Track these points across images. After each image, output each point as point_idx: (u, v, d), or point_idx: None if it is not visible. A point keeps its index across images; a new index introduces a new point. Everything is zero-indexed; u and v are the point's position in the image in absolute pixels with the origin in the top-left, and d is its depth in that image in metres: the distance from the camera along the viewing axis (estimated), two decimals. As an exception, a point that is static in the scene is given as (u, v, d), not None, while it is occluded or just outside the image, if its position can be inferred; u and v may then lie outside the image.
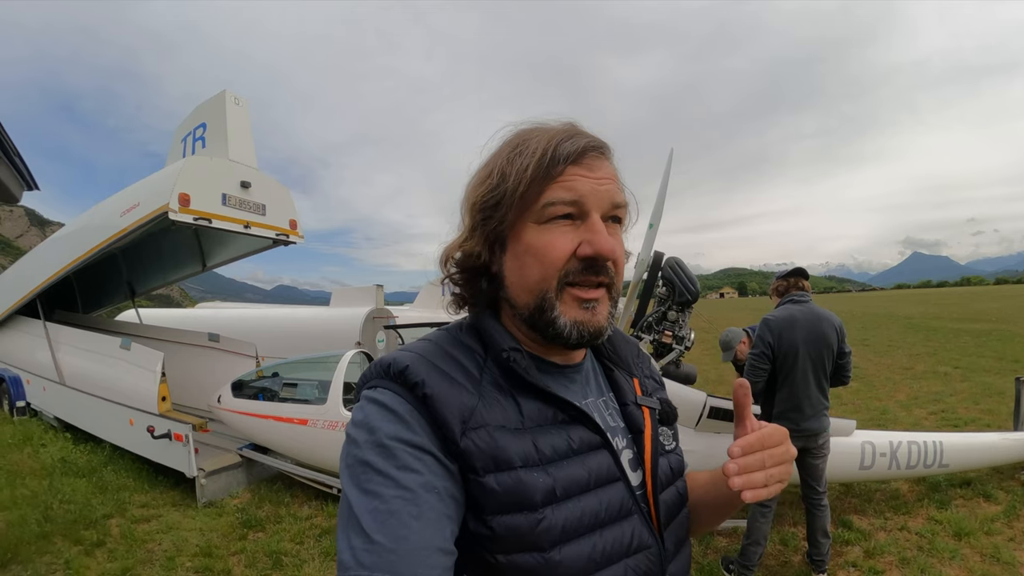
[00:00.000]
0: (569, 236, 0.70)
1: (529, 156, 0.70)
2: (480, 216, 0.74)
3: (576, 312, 0.71)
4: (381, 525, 0.56)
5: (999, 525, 3.91)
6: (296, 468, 5.07)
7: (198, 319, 10.90)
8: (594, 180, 0.71)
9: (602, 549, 0.68)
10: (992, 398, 7.89)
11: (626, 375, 0.88)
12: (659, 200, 4.21)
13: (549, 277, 0.70)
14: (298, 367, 5.91)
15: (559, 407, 0.73)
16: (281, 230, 6.24)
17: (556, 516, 0.65)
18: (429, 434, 0.64)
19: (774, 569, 3.58)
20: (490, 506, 0.64)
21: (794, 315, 3.36)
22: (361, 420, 0.65)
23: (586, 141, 0.71)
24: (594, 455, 0.72)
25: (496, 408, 0.69)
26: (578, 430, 0.73)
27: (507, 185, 0.71)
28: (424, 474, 0.61)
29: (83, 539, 4.13)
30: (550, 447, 0.69)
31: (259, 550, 3.97)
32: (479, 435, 0.65)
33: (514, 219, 0.72)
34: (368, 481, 0.59)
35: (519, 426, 0.69)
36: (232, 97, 5.62)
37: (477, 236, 0.75)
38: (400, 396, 0.66)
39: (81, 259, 6.17)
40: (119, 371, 5.80)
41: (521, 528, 0.64)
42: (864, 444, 4.00)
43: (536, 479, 0.66)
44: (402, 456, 0.61)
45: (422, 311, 11.94)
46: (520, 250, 0.72)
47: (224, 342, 7.18)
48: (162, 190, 5.15)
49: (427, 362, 0.69)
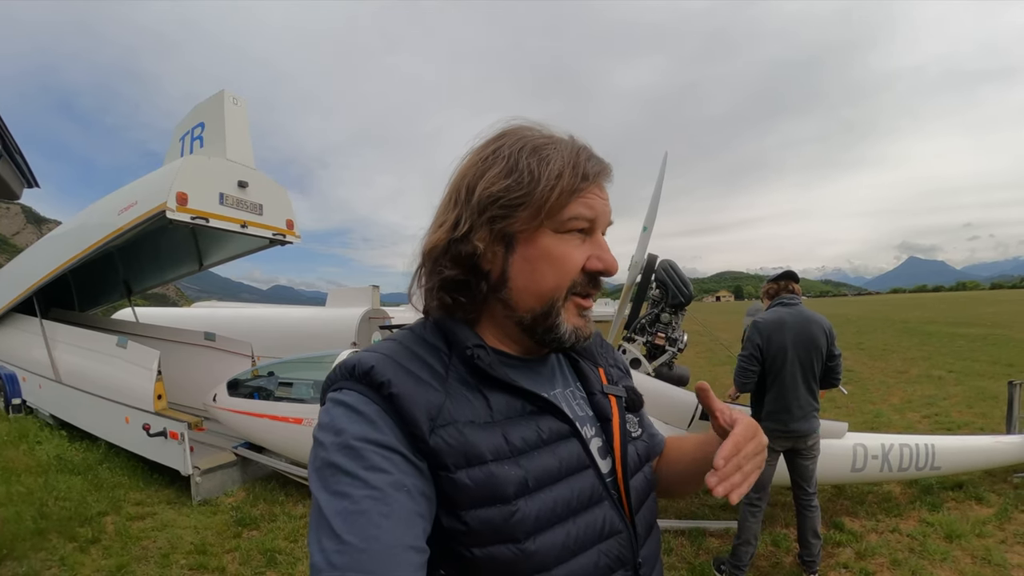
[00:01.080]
0: (581, 249, 0.74)
1: (560, 165, 0.71)
2: (491, 212, 0.72)
3: (575, 319, 0.76)
4: (351, 525, 0.56)
5: (991, 528, 3.94)
6: (291, 467, 5.08)
7: (194, 318, 10.90)
8: (603, 200, 0.76)
9: (575, 536, 0.70)
10: (986, 402, 7.94)
11: (591, 365, 0.90)
12: (653, 203, 4.24)
13: (562, 286, 0.73)
14: (294, 366, 5.92)
15: (527, 399, 0.74)
16: (278, 230, 6.25)
17: (529, 507, 0.67)
18: (397, 433, 0.64)
19: (765, 570, 3.61)
20: (463, 501, 0.65)
21: (783, 318, 3.39)
22: (327, 423, 0.65)
23: (605, 163, 0.77)
24: (564, 444, 0.73)
25: (464, 404, 0.69)
26: (547, 420, 0.74)
27: (538, 188, 0.70)
28: (393, 473, 0.61)
29: (78, 536, 4.13)
30: (520, 438, 0.70)
31: (253, 548, 3.98)
32: (448, 432, 0.66)
33: (531, 223, 0.72)
34: (337, 483, 0.59)
35: (488, 420, 0.70)
36: (231, 97, 5.64)
37: (481, 232, 0.72)
38: (366, 396, 0.66)
39: (78, 257, 6.16)
40: (115, 369, 5.80)
41: (495, 521, 0.65)
42: (856, 446, 4.02)
43: (508, 472, 0.67)
44: (370, 456, 0.61)
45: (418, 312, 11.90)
46: (534, 255, 0.73)
47: (220, 341, 7.18)
48: (160, 189, 5.15)
49: (392, 362, 0.69)
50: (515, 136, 0.75)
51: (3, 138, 3.74)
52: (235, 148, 5.66)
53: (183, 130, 6.08)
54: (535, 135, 0.75)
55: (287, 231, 6.36)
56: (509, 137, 0.75)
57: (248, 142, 5.85)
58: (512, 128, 0.77)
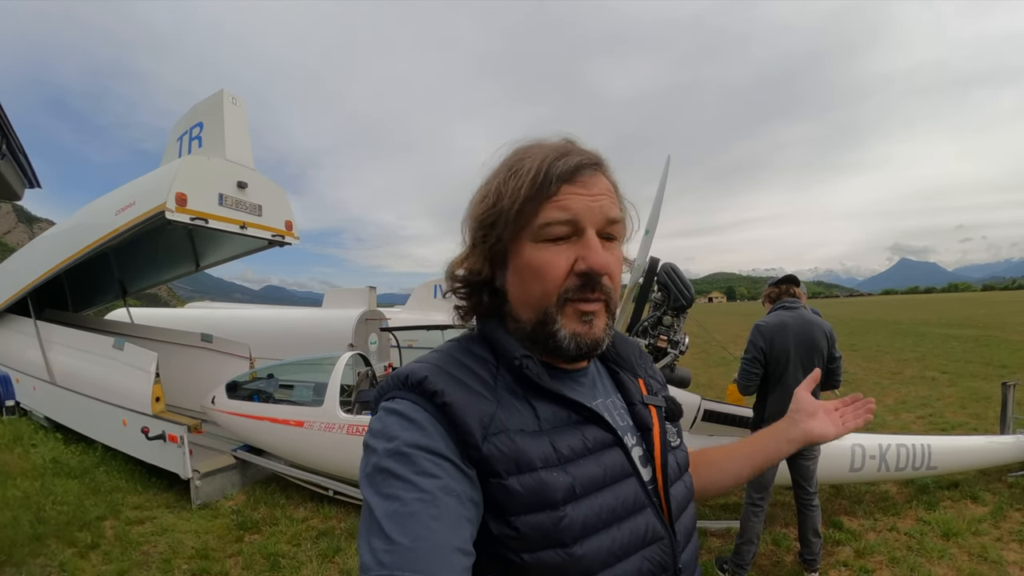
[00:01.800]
0: (566, 254, 0.73)
1: (524, 176, 0.72)
2: (480, 234, 0.77)
3: (575, 325, 0.74)
4: (401, 527, 0.57)
5: (986, 526, 3.99)
6: (291, 470, 5.07)
7: (189, 319, 10.83)
8: (588, 197, 0.73)
9: (620, 542, 0.71)
10: (979, 403, 8.02)
11: (631, 376, 0.92)
12: (655, 206, 4.25)
13: (550, 294, 0.73)
14: (293, 369, 5.89)
15: (572, 409, 0.76)
16: (277, 231, 6.21)
17: (576, 512, 0.68)
18: (447, 441, 0.66)
19: (767, 569, 3.64)
20: (514, 507, 0.66)
21: (785, 321, 3.42)
22: (379, 430, 0.67)
23: (579, 159, 0.73)
24: (608, 453, 0.75)
25: (514, 413, 0.72)
26: (591, 430, 0.76)
27: (503, 204, 0.73)
28: (443, 478, 0.62)
29: (77, 541, 4.10)
30: (567, 447, 0.72)
31: (256, 552, 3.96)
32: (500, 440, 0.68)
33: (512, 237, 0.74)
34: (388, 487, 0.61)
35: (536, 428, 0.72)
36: (229, 97, 5.61)
37: (478, 253, 0.78)
38: (418, 405, 0.68)
39: (74, 257, 6.10)
40: (112, 371, 5.74)
41: (545, 526, 0.66)
42: (854, 447, 4.07)
43: (556, 478, 0.69)
44: (420, 462, 0.62)
45: (413, 313, 11.97)
46: (520, 267, 0.75)
47: (217, 343, 7.13)
48: (159, 189, 5.11)
49: (444, 372, 0.72)
50: (506, 160, 0.78)
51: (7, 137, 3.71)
52: (234, 148, 5.63)
53: (181, 130, 6.03)
54: (521, 151, 0.77)
55: (286, 232, 6.33)
56: (501, 161, 0.78)
57: (247, 142, 5.82)
58: (511, 151, 0.79)
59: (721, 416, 3.90)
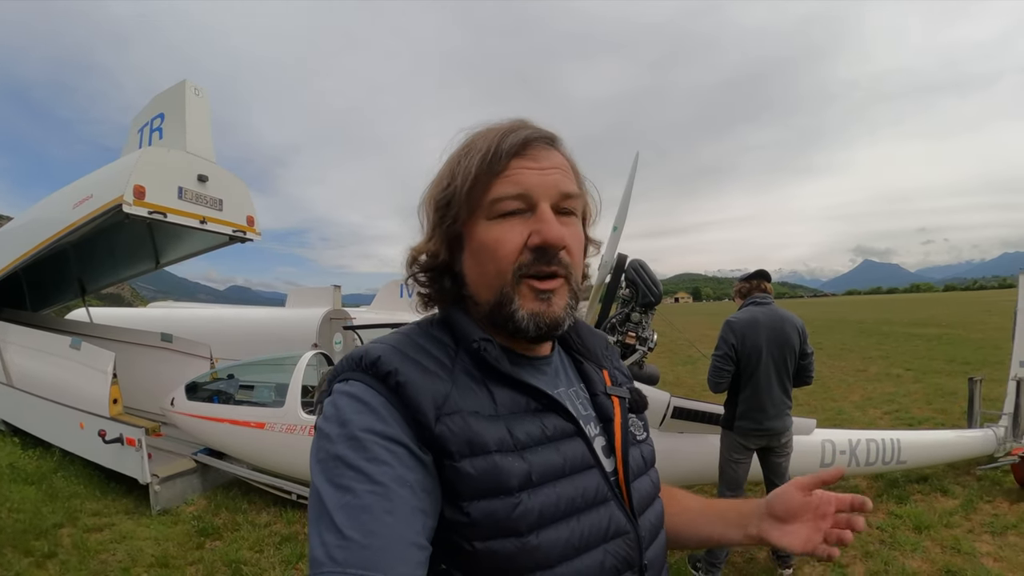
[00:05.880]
0: (518, 229, 0.71)
1: (474, 154, 0.72)
2: (437, 216, 0.76)
3: (533, 304, 0.71)
4: (353, 521, 0.55)
5: (957, 518, 4.06)
6: (253, 473, 4.90)
7: (150, 319, 10.54)
8: (539, 171, 0.71)
9: (580, 534, 0.68)
10: (944, 398, 8.21)
11: (595, 367, 0.89)
12: (623, 203, 4.24)
13: (504, 271, 0.71)
14: (254, 369, 5.73)
15: (531, 396, 0.73)
16: (238, 226, 6.03)
17: (533, 501, 0.65)
18: (402, 424, 0.64)
19: (740, 566, 3.63)
20: (466, 491, 0.64)
21: (757, 317, 3.41)
22: (332, 414, 0.65)
23: (528, 132, 0.73)
24: (568, 442, 0.72)
25: (469, 395, 0.69)
26: (551, 418, 0.73)
27: (456, 184, 0.72)
28: (396, 467, 0.60)
29: (33, 550, 3.92)
30: (524, 433, 0.69)
31: (217, 559, 3.82)
32: (453, 420, 0.65)
33: (466, 217, 0.73)
34: (340, 476, 0.59)
35: (493, 413, 0.69)
36: (192, 87, 5.42)
37: (437, 237, 0.77)
38: (372, 388, 0.66)
39: (31, 253, 5.86)
40: (69, 372, 5.54)
41: (498, 513, 0.63)
42: (824, 442, 4.09)
43: (512, 463, 0.66)
44: (374, 449, 0.60)
45: (379, 313, 11.82)
46: (475, 247, 0.73)
47: (177, 343, 6.92)
48: (116, 182, 4.91)
49: (399, 352, 0.69)
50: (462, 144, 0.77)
51: None
52: (195, 140, 5.45)
53: (141, 121, 5.82)
54: (476, 134, 0.76)
55: (247, 228, 6.15)
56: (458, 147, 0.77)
57: (209, 134, 5.64)
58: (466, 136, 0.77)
59: (691, 413, 3.87)
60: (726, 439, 3.48)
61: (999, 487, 4.57)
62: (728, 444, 3.46)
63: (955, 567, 3.43)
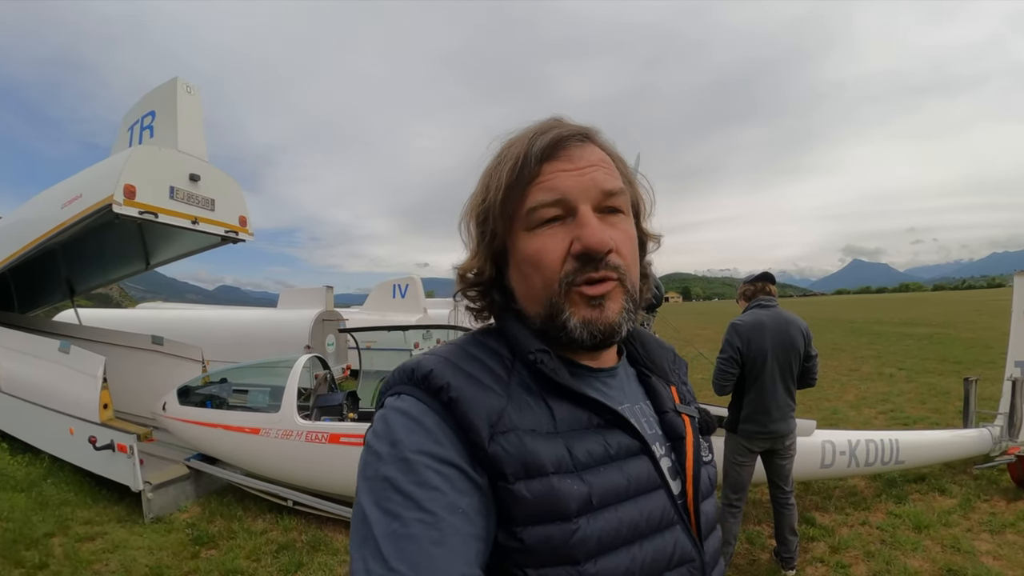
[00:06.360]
0: (560, 237, 0.67)
1: (505, 163, 0.69)
2: (478, 232, 0.74)
3: (585, 311, 0.67)
4: (400, 551, 0.52)
5: (956, 517, 4.08)
6: (248, 480, 4.80)
7: (140, 320, 10.41)
8: (575, 172, 0.67)
9: (642, 561, 0.63)
10: (938, 398, 8.26)
11: (662, 382, 0.84)
12: None
13: (550, 282, 0.67)
14: (248, 372, 5.63)
15: (594, 411, 0.68)
16: (230, 227, 5.91)
17: (592, 526, 0.61)
18: (456, 444, 0.60)
19: (743, 568, 3.61)
20: (520, 516, 0.59)
21: (762, 320, 3.39)
22: (383, 431, 0.62)
23: (557, 132, 0.69)
24: (633, 461, 0.68)
25: (526, 411, 0.65)
26: (615, 435, 0.68)
27: (490, 197, 0.70)
28: (448, 493, 0.56)
29: (24, 560, 3.82)
30: (585, 452, 0.64)
31: (213, 569, 3.74)
32: (508, 439, 0.61)
33: (505, 230, 0.71)
34: (388, 500, 0.56)
35: (551, 430, 0.64)
36: (184, 85, 5.31)
37: (481, 253, 0.74)
38: (425, 404, 0.63)
39: (19, 254, 5.73)
40: (57, 376, 5.39)
41: (554, 539, 0.59)
42: (824, 443, 4.10)
43: (570, 486, 0.61)
44: (425, 473, 0.57)
45: (372, 314, 11.74)
46: (518, 261, 0.71)
47: (169, 345, 6.80)
48: (107, 181, 4.80)
49: (452, 365, 0.66)
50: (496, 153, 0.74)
51: None
52: (187, 139, 5.34)
53: (132, 119, 5.70)
54: (510, 140, 0.73)
55: (240, 228, 6.04)
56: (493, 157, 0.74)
57: (201, 133, 5.54)
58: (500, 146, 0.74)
59: None
60: (730, 442, 3.47)
61: (996, 486, 4.60)
62: (732, 447, 3.44)
63: (956, 566, 3.43)
